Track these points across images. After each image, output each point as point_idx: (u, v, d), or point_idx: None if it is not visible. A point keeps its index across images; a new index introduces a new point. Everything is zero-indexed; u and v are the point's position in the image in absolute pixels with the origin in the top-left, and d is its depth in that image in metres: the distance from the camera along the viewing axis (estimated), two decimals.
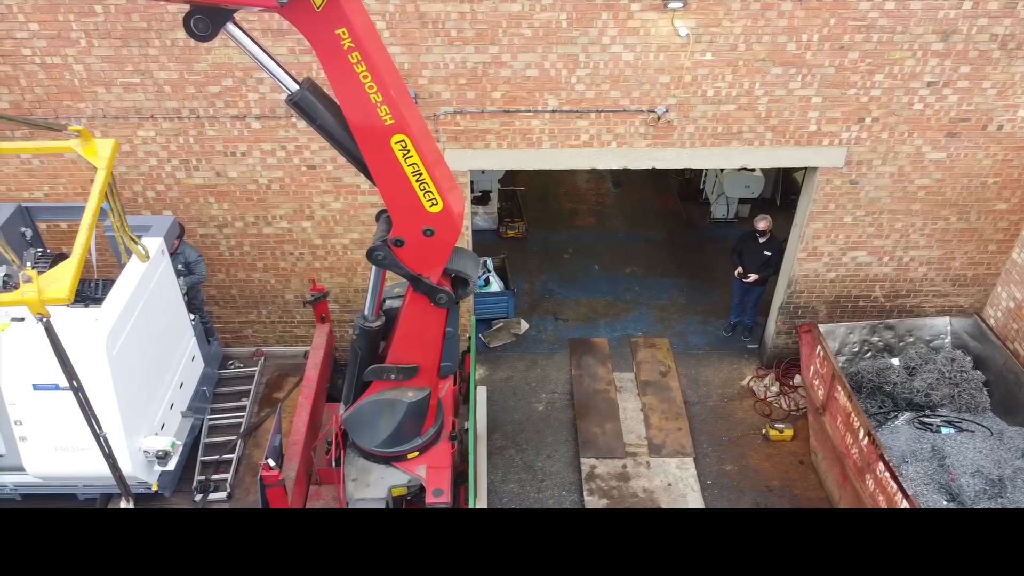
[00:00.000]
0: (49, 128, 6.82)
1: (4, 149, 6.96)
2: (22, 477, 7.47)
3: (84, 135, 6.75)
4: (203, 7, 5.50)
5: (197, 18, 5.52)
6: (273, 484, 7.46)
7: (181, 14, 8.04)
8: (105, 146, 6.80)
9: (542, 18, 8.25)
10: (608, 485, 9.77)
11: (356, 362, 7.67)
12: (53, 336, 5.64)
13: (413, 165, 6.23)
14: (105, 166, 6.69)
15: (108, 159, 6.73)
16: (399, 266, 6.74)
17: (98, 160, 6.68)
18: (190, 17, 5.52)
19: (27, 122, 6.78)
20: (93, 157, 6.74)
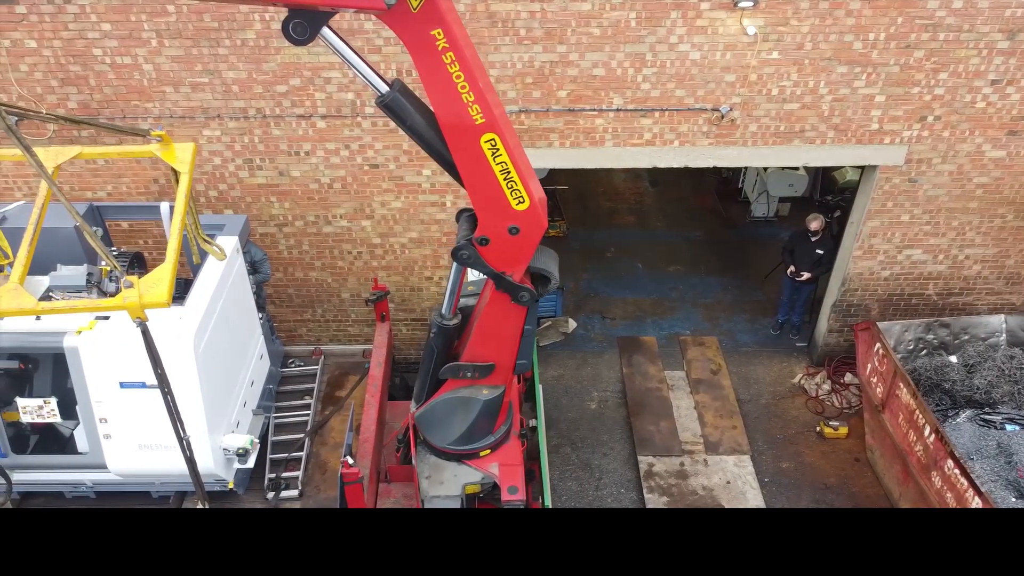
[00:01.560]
0: (134, 133, 6.86)
1: (86, 154, 7.00)
2: (101, 475, 7.50)
3: (165, 139, 6.81)
4: (302, 11, 5.52)
5: (296, 22, 5.55)
6: (353, 481, 7.51)
7: (253, 14, 8.12)
8: (185, 150, 6.86)
9: (611, 17, 8.28)
10: (667, 483, 9.81)
11: (431, 360, 7.70)
12: (149, 340, 5.68)
13: (502, 164, 6.26)
14: (188, 170, 6.75)
15: (190, 163, 6.79)
16: (483, 265, 6.76)
17: (180, 164, 6.74)
18: (289, 21, 5.54)
19: (112, 128, 6.81)
20: (174, 161, 6.80)
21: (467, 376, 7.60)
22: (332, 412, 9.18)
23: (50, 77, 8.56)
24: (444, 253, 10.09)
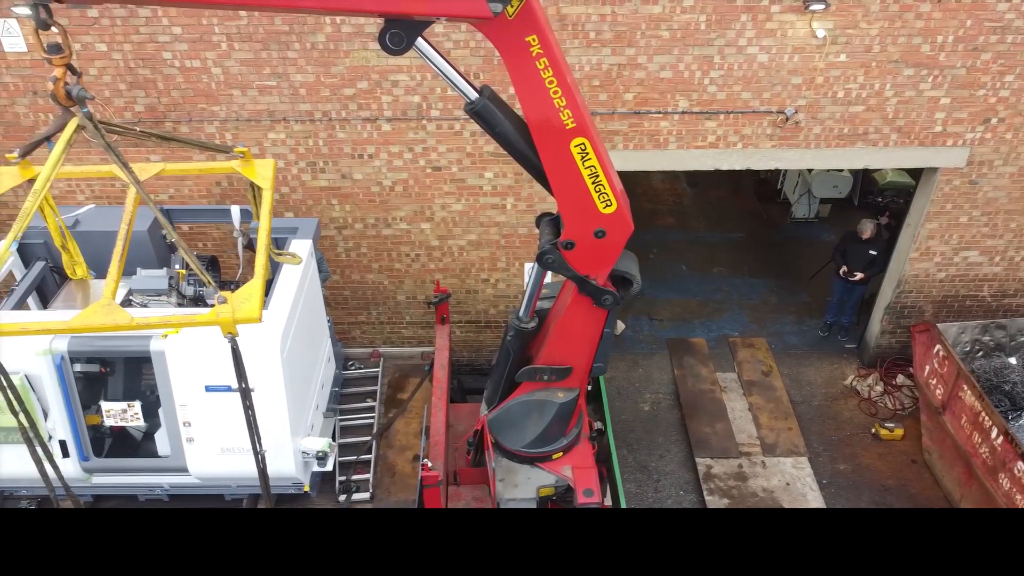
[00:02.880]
0: (218, 150, 6.87)
1: (169, 171, 7.02)
2: (180, 478, 7.53)
3: (247, 156, 6.84)
4: (399, 21, 5.52)
5: (393, 32, 5.54)
6: (433, 484, 7.52)
7: (324, 17, 8.13)
8: (266, 166, 6.89)
9: (681, 20, 8.29)
10: (727, 485, 9.82)
11: (507, 363, 7.71)
12: (238, 354, 5.69)
13: (591, 168, 6.28)
14: (270, 186, 6.77)
15: (271, 179, 6.81)
16: (568, 269, 6.76)
17: (262, 180, 6.76)
18: (386, 32, 5.54)
19: (198, 144, 6.81)
20: (255, 176, 6.82)
21: (543, 379, 7.61)
22: (396, 414, 9.21)
23: (119, 80, 8.57)
24: (502, 255, 10.10)
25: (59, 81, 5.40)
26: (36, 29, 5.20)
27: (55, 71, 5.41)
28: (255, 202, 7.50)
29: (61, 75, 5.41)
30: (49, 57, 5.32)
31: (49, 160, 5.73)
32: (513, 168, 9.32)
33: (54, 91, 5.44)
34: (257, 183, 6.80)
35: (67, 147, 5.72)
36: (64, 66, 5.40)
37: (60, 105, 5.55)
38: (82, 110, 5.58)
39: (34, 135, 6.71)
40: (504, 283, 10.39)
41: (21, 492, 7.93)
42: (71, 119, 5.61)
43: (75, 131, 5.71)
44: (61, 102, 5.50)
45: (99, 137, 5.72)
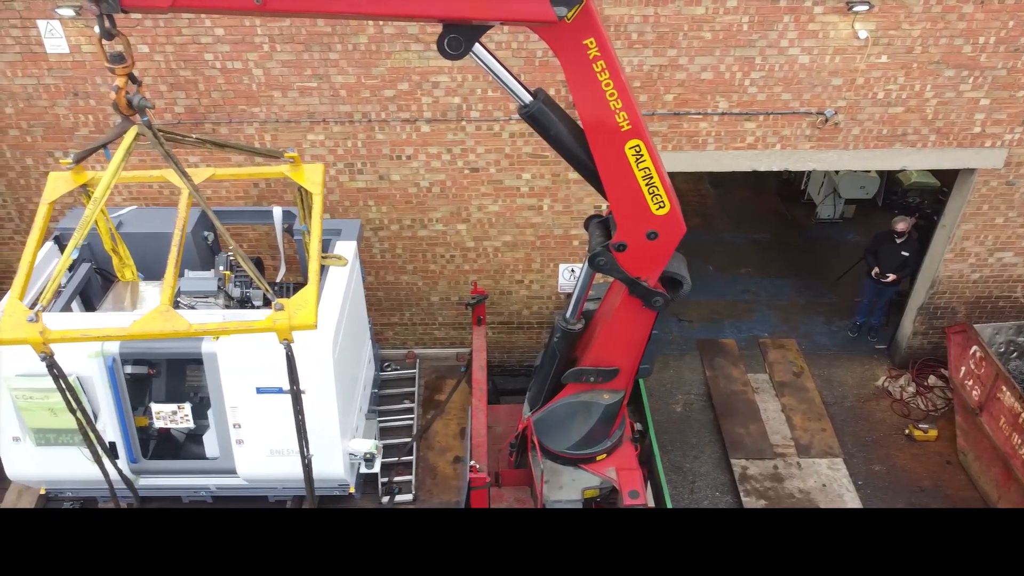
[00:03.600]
0: (269, 155, 6.89)
1: (219, 175, 7.02)
2: (227, 480, 7.51)
3: (297, 161, 6.85)
4: (458, 26, 5.51)
5: (452, 37, 5.54)
6: (480, 486, 7.52)
7: (366, 20, 8.11)
8: (315, 171, 6.89)
9: (724, 21, 8.29)
10: (763, 486, 9.81)
11: (553, 364, 7.71)
12: (292, 361, 5.69)
13: (645, 169, 6.28)
14: (320, 191, 6.78)
15: (320, 184, 6.81)
16: (619, 270, 6.76)
17: (312, 186, 6.76)
18: (444, 37, 5.54)
19: (249, 149, 6.82)
20: (304, 181, 6.82)
21: (589, 380, 7.61)
22: (434, 416, 9.19)
23: (160, 82, 8.56)
24: (536, 256, 10.10)
25: (121, 90, 5.42)
26: (100, 39, 5.22)
27: (117, 80, 5.42)
28: (302, 206, 7.51)
29: (123, 84, 5.42)
30: (112, 67, 5.34)
31: (109, 168, 5.74)
32: (550, 169, 9.32)
33: (116, 100, 5.46)
34: (307, 188, 6.81)
35: (127, 155, 5.74)
36: (126, 75, 5.42)
37: (120, 113, 5.57)
38: (142, 119, 5.61)
39: (93, 142, 6.74)
40: (538, 284, 10.38)
41: (66, 493, 7.92)
42: (130, 127, 5.64)
43: (134, 139, 5.74)
44: (122, 111, 5.51)
45: (158, 145, 5.74)
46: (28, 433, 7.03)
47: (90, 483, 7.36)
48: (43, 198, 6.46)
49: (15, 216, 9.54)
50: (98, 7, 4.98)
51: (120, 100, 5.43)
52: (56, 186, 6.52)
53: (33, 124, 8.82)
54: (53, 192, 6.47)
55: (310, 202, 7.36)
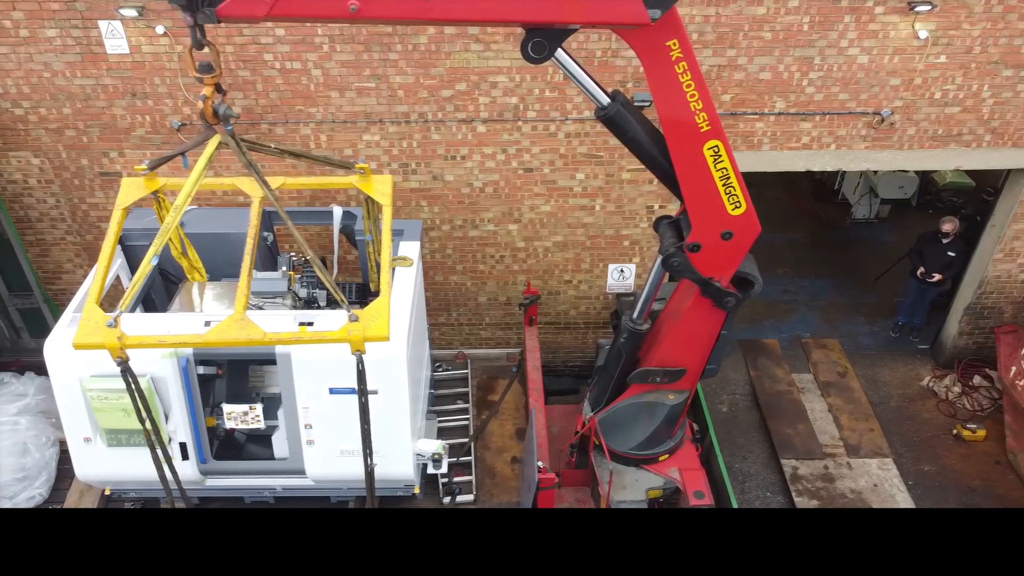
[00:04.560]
0: (341, 166, 6.89)
1: (290, 184, 7.04)
2: (294, 480, 7.52)
3: (367, 172, 6.86)
4: (542, 29, 5.50)
5: (536, 41, 5.54)
6: (549, 487, 7.51)
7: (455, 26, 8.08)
8: (384, 182, 6.91)
9: (785, 21, 8.28)
10: (814, 486, 9.80)
11: (618, 364, 7.71)
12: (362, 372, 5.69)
13: (722, 170, 6.29)
14: (390, 202, 6.79)
15: (390, 195, 6.82)
16: (692, 271, 6.77)
17: (382, 197, 6.78)
18: (528, 41, 5.53)
19: (324, 160, 6.84)
20: (372, 192, 6.83)
21: (655, 381, 7.61)
22: (489, 416, 9.20)
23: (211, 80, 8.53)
24: (586, 256, 10.10)
25: (208, 100, 5.43)
26: (190, 49, 5.22)
27: (204, 90, 5.43)
28: (368, 216, 7.52)
29: (210, 94, 5.43)
30: (200, 76, 5.33)
31: (191, 176, 5.76)
32: (604, 169, 9.32)
33: (203, 109, 5.46)
34: (376, 199, 6.82)
35: (208, 163, 5.75)
36: (214, 85, 5.42)
37: (205, 122, 5.58)
38: (226, 128, 5.61)
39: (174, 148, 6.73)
40: (586, 284, 10.38)
41: (129, 494, 7.93)
42: (213, 136, 5.65)
43: (216, 148, 5.75)
44: (208, 120, 5.52)
45: (241, 154, 5.76)
46: (100, 434, 7.04)
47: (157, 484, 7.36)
48: (117, 203, 6.49)
49: (67, 217, 9.54)
50: (193, 18, 4.96)
51: (207, 109, 5.44)
52: (129, 192, 6.54)
53: (90, 125, 8.82)
54: (126, 198, 6.49)
55: (376, 212, 7.38)
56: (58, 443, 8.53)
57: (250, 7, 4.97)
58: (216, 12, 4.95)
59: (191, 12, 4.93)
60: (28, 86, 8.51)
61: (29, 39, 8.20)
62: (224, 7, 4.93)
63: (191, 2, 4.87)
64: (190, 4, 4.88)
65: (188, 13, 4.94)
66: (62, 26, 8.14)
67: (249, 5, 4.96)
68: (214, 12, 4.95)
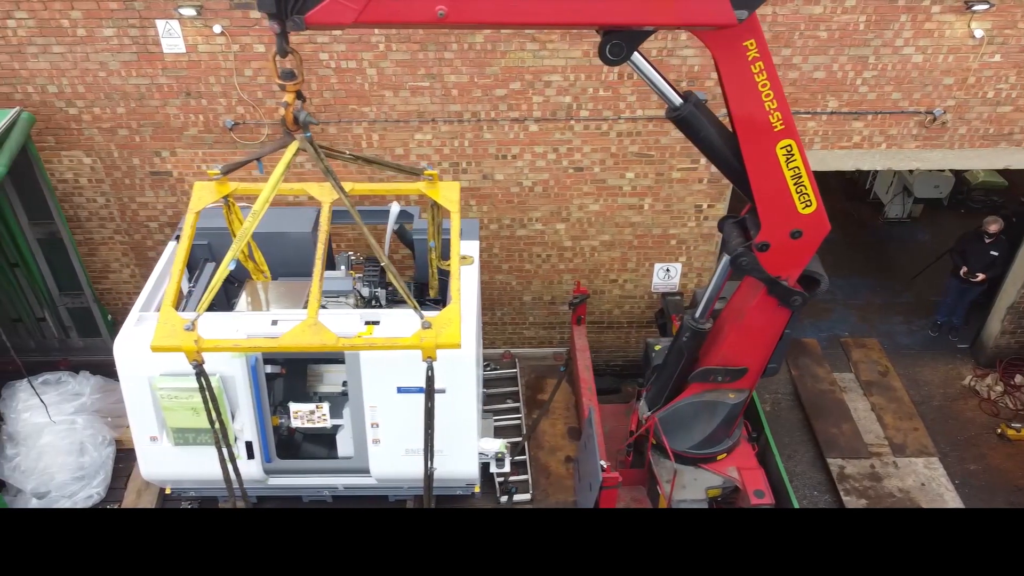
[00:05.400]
0: (410, 172, 6.90)
1: (357, 190, 7.06)
2: (356, 479, 7.52)
3: (435, 178, 6.88)
4: (621, 32, 5.50)
5: (614, 43, 5.54)
6: (612, 485, 7.52)
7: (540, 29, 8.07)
8: (451, 188, 6.91)
9: (841, 20, 8.28)
10: (862, 485, 9.80)
11: (679, 364, 7.72)
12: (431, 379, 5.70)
13: (795, 169, 6.30)
14: (457, 208, 6.80)
15: (457, 201, 6.83)
16: (760, 270, 6.78)
17: (449, 203, 6.80)
18: (607, 43, 5.54)
19: (394, 166, 6.86)
20: (439, 198, 6.84)
21: (716, 380, 7.62)
22: (540, 415, 9.20)
23: (272, 82, 8.56)
24: (633, 256, 10.10)
25: (290, 107, 5.45)
26: (274, 55, 5.23)
27: (286, 97, 5.44)
28: (433, 221, 7.52)
29: (291, 100, 5.45)
30: (283, 83, 5.34)
31: (269, 181, 5.79)
32: (655, 168, 9.33)
33: (283, 116, 5.48)
34: (444, 205, 6.83)
35: (287, 169, 5.76)
36: (295, 92, 5.43)
37: (285, 129, 5.59)
38: (305, 135, 5.62)
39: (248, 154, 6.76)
40: (632, 284, 10.38)
41: (189, 493, 7.93)
42: (292, 142, 5.67)
43: (295, 154, 5.77)
44: (288, 127, 5.54)
45: (319, 160, 5.78)
46: (167, 433, 7.04)
47: (220, 483, 7.37)
48: (190, 207, 6.52)
49: (116, 216, 9.54)
50: (281, 26, 4.96)
51: (288, 116, 5.47)
52: (202, 196, 6.56)
53: (143, 124, 8.83)
54: (199, 202, 6.52)
55: (439, 218, 7.39)
56: (114, 443, 8.54)
57: (339, 14, 4.96)
58: (305, 19, 4.95)
59: (279, 20, 4.93)
60: (83, 85, 8.52)
61: (86, 38, 8.21)
62: (313, 14, 4.93)
63: (280, 10, 4.88)
64: (279, 12, 4.88)
65: (276, 21, 4.94)
66: (119, 25, 8.14)
67: (338, 12, 4.95)
68: (303, 20, 4.94)
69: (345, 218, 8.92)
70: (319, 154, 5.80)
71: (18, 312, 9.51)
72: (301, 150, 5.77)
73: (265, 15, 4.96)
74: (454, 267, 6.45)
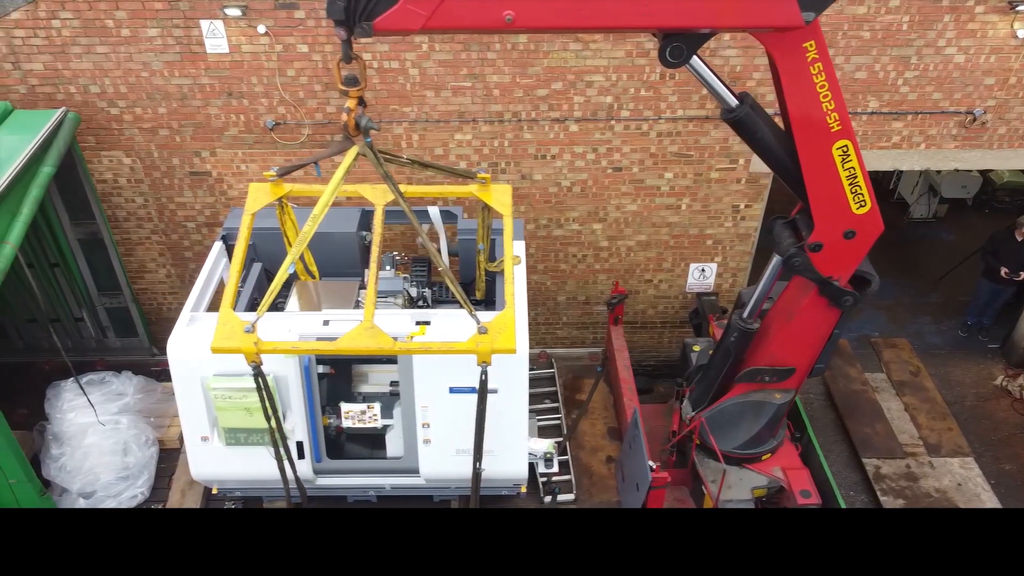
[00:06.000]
0: (465, 176, 6.91)
1: (411, 192, 7.07)
2: (404, 479, 7.52)
3: (487, 181, 6.89)
4: (682, 34, 5.50)
5: (675, 46, 5.54)
6: (662, 485, 7.53)
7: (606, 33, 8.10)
8: (504, 192, 6.92)
9: (884, 21, 8.29)
10: (898, 485, 9.81)
11: (725, 364, 7.72)
12: (485, 384, 5.71)
13: (850, 169, 6.31)
14: (510, 212, 6.81)
15: (510, 205, 6.84)
16: (812, 271, 6.78)
17: (502, 207, 6.81)
18: (667, 46, 5.53)
19: (449, 170, 6.87)
20: (491, 201, 6.85)
21: (764, 380, 7.62)
22: (579, 415, 9.21)
23: (315, 82, 8.57)
24: (668, 256, 10.11)
25: (352, 112, 5.45)
26: (339, 62, 5.24)
27: (348, 102, 5.44)
28: (482, 225, 7.53)
29: (354, 106, 5.45)
30: (346, 89, 5.35)
31: (329, 185, 5.82)
32: (693, 168, 9.33)
33: (345, 121, 5.49)
34: (497, 209, 6.84)
35: (346, 174, 5.77)
36: (358, 98, 5.43)
37: (346, 133, 5.60)
38: (365, 140, 5.64)
39: (304, 158, 6.79)
40: (667, 284, 10.39)
41: (235, 493, 7.93)
42: (351, 147, 5.68)
43: (355, 159, 5.78)
44: (349, 132, 5.54)
45: (379, 165, 5.79)
46: (219, 433, 7.04)
47: (267, 483, 7.38)
48: (246, 209, 6.55)
49: (155, 216, 9.54)
50: (349, 33, 4.95)
51: (350, 121, 5.47)
52: (257, 197, 6.59)
53: (184, 124, 8.83)
54: (255, 203, 6.54)
55: (488, 220, 7.40)
56: (157, 443, 8.54)
57: (407, 21, 4.96)
58: (373, 26, 4.94)
59: (347, 27, 4.93)
60: (125, 86, 8.52)
61: (130, 38, 8.21)
62: (381, 21, 4.92)
63: (348, 17, 4.88)
64: (347, 19, 4.88)
65: (343, 28, 4.93)
66: (164, 25, 8.15)
67: (406, 19, 4.94)
68: (371, 26, 4.94)
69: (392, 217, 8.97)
70: (379, 159, 5.82)
71: (56, 312, 9.51)
72: (360, 155, 5.79)
73: (332, 22, 4.96)
74: (508, 270, 6.46)
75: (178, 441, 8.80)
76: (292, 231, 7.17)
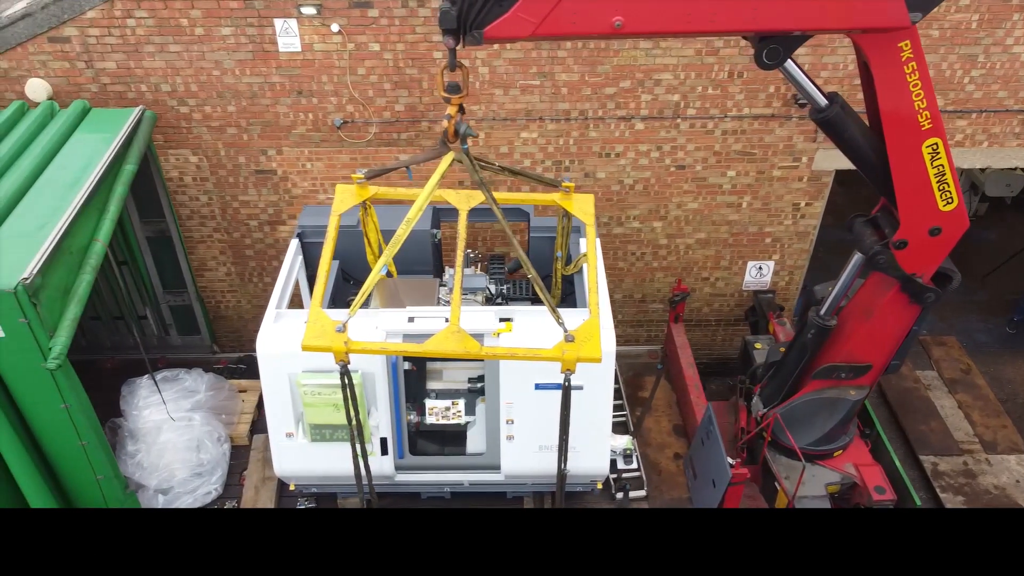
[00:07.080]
0: (550, 183, 6.95)
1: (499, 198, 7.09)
2: (484, 475, 7.55)
3: (571, 190, 6.94)
4: (779, 37, 5.53)
5: (771, 48, 5.57)
6: (740, 482, 7.56)
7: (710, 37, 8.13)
8: (585, 201, 6.97)
9: (953, 19, 8.32)
10: (957, 482, 9.84)
11: (800, 360, 7.75)
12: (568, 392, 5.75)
13: (939, 167, 6.34)
14: (592, 221, 6.86)
15: (592, 214, 6.89)
16: (896, 268, 6.82)
17: (585, 216, 6.85)
18: (763, 48, 5.56)
19: (536, 178, 6.92)
20: (573, 209, 6.90)
21: (840, 377, 7.65)
22: (644, 412, 9.24)
23: (384, 80, 8.60)
24: (727, 254, 10.14)
25: (453, 119, 5.50)
26: (443, 69, 5.30)
27: (449, 109, 5.50)
28: (561, 232, 7.57)
29: (455, 113, 5.51)
30: (448, 96, 5.39)
31: (424, 190, 5.88)
32: (756, 167, 9.36)
33: (445, 127, 5.55)
34: (579, 217, 6.88)
35: (441, 178, 5.82)
36: (459, 105, 5.48)
37: (442, 139, 5.66)
38: (463, 147, 5.69)
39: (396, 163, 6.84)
40: (723, 282, 10.42)
41: (311, 490, 7.96)
42: (447, 153, 5.73)
43: (450, 164, 5.84)
44: (448, 139, 5.60)
45: (474, 172, 5.84)
46: (305, 429, 7.08)
47: (346, 480, 7.41)
48: (332, 210, 6.61)
49: (218, 214, 9.58)
50: (459, 41, 4.99)
51: (450, 128, 5.53)
52: (343, 198, 6.64)
53: (252, 123, 8.86)
54: (341, 204, 6.60)
55: (568, 228, 7.45)
56: (229, 439, 8.58)
57: (517, 28, 4.99)
58: (484, 34, 4.98)
59: (456, 35, 4.96)
60: (196, 84, 8.56)
61: (203, 37, 8.25)
62: (492, 29, 4.96)
63: (460, 25, 4.91)
64: (458, 27, 4.92)
65: (451, 36, 4.97)
66: (238, 24, 8.18)
67: (516, 27, 4.98)
68: (482, 34, 4.98)
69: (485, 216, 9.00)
70: (474, 166, 5.88)
71: (120, 310, 9.55)
72: (456, 161, 5.85)
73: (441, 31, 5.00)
74: (591, 279, 6.50)
75: (247, 438, 8.84)
76: (373, 232, 7.21)
